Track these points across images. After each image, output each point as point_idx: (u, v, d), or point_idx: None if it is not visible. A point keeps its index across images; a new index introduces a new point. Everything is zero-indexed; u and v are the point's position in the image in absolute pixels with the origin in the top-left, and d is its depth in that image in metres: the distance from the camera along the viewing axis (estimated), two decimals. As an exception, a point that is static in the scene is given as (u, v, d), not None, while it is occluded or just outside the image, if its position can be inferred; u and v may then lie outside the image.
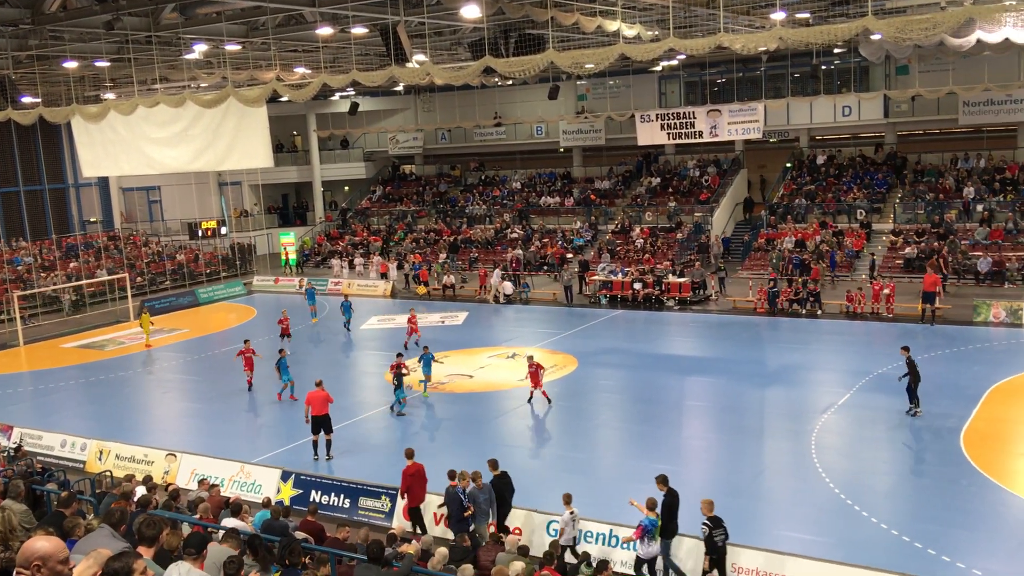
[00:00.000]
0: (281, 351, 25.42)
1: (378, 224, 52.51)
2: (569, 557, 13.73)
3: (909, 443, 19.32)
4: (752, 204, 44.56)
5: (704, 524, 13.04)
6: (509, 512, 15.13)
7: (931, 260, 33.55)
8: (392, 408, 23.08)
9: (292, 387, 24.43)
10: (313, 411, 19.82)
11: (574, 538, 14.12)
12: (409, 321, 30.35)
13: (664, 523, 13.36)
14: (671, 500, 13.63)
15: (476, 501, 14.48)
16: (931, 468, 17.79)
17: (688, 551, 13.73)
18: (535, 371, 22.64)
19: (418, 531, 15.42)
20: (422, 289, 40.47)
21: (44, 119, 27.34)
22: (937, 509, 15.87)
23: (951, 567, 13.63)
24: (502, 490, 14.96)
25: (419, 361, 24.51)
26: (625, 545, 14.02)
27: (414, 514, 15.84)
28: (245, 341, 26.40)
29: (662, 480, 13.87)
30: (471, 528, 14.18)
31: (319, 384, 20.42)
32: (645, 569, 13.48)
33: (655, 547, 13.28)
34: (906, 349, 20.80)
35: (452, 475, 15.33)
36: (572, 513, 14.12)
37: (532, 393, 22.85)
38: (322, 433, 19.96)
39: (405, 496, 15.86)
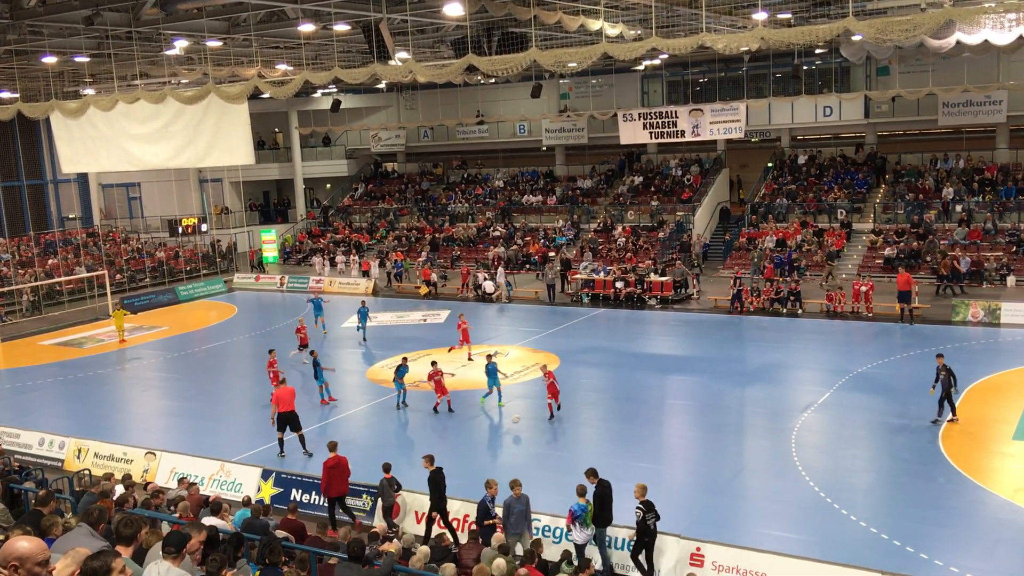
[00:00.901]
0: (312, 352, 24.74)
1: (360, 222, 52.39)
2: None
3: (888, 441, 19.45)
4: (729, 214, 44.45)
5: (638, 508, 13.46)
6: (446, 503, 15.45)
7: (944, 261, 33.46)
8: (398, 405, 23.22)
9: (327, 389, 23.86)
10: (280, 408, 19.83)
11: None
12: (459, 328, 28.18)
13: (597, 512, 13.83)
14: (602, 491, 14.03)
15: (511, 511, 13.82)
16: (909, 466, 17.91)
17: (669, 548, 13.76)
18: (552, 383, 21.41)
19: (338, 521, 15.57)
20: (424, 289, 39.70)
21: (23, 114, 27.08)
22: (915, 507, 15.99)
23: (929, 564, 13.75)
24: (439, 484, 15.20)
25: (486, 372, 23.13)
26: (606, 543, 14.08)
27: (339, 503, 16.15)
28: (270, 351, 24.77)
29: (592, 473, 14.28)
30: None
31: (282, 381, 20.64)
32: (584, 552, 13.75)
33: (587, 532, 13.76)
34: (940, 356, 20.03)
35: (387, 468, 15.65)
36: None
37: (552, 408, 21.62)
38: (288, 431, 19.97)
39: (324, 487, 16.11)
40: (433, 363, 23.03)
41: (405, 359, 23.78)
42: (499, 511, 14.11)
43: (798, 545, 14.09)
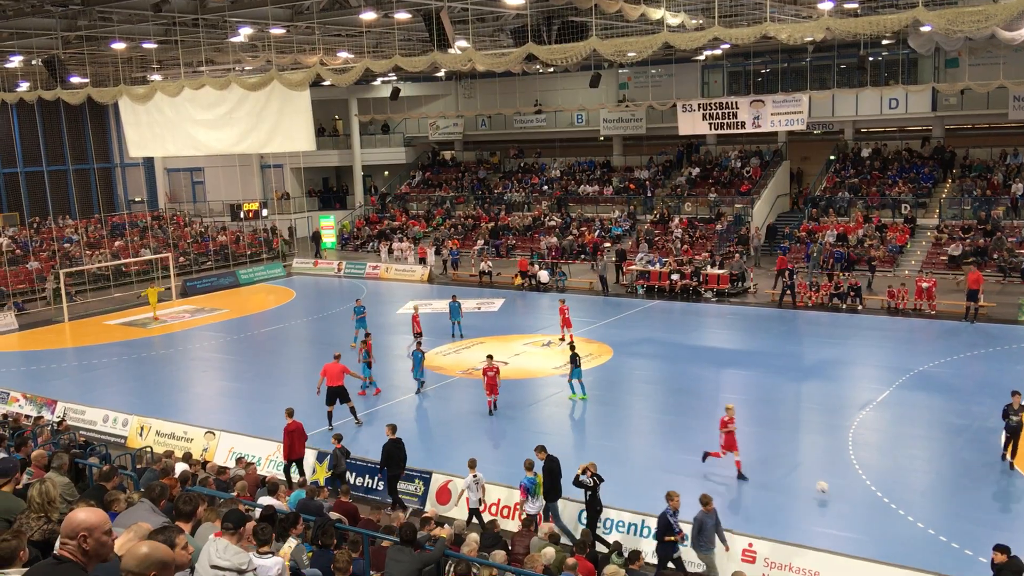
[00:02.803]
0: (366, 342, 24.54)
1: (417, 209, 52.76)
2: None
3: (949, 442, 19.05)
4: (776, 231, 42.68)
5: (592, 476, 14.24)
6: (400, 478, 16.54)
7: None
8: (418, 391, 23.42)
9: (372, 382, 23.77)
10: (328, 382, 20.57)
11: (480, 500, 15.27)
12: (561, 312, 28.09)
13: (547, 486, 14.67)
14: (551, 466, 14.78)
15: (703, 528, 12.89)
16: (970, 467, 17.51)
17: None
18: (731, 428, 17.43)
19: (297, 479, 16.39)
20: (518, 279, 38.86)
21: (92, 99, 27.73)
22: (975, 509, 15.65)
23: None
24: (396, 455, 16.27)
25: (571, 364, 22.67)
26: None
27: (297, 465, 17.43)
28: (367, 334, 24.67)
29: (541, 449, 15.13)
30: (676, 555, 12.96)
31: (337, 357, 21.31)
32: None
33: (538, 504, 14.61)
34: (1018, 395, 17.67)
35: (339, 438, 16.99)
36: (475, 476, 15.25)
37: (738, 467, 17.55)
38: (338, 403, 20.83)
39: (287, 450, 17.43)
40: (489, 357, 22.46)
41: (420, 338, 24.47)
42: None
43: (852, 544, 13.89)
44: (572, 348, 23.15)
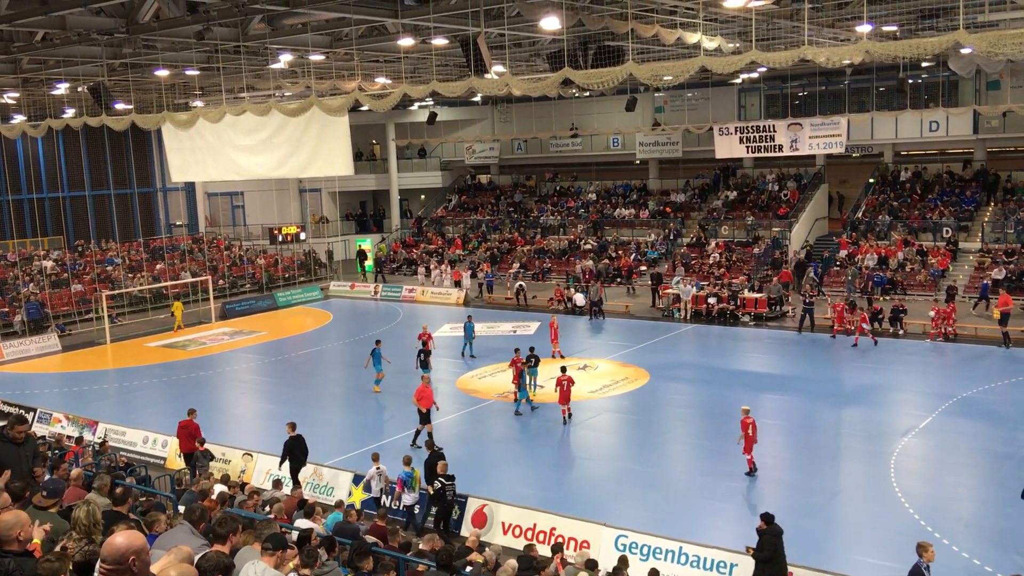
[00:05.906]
0: (426, 344, 26.64)
1: (453, 233, 52.99)
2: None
3: (993, 470, 18.65)
4: (803, 268, 41.84)
5: (439, 480, 16.01)
6: (302, 468, 18.44)
7: None
8: (518, 411, 23.79)
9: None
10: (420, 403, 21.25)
11: (381, 490, 17.07)
12: (551, 325, 30.34)
13: (428, 477, 16.53)
14: (432, 459, 16.67)
15: None
16: (1016, 496, 17.09)
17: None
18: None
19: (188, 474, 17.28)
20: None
21: (136, 125, 28.25)
22: (1022, 538, 15.27)
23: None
24: (295, 449, 18.23)
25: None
26: (694, 563, 13.88)
27: (187, 459, 18.93)
28: (516, 350, 24.84)
29: (428, 445, 17.49)
30: None
31: (425, 380, 21.89)
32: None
33: (414, 496, 16.60)
34: None
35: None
36: (379, 469, 17.04)
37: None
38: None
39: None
40: (563, 369, 23.18)
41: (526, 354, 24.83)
42: None
43: (894, 574, 13.62)
44: (531, 350, 24.96)
